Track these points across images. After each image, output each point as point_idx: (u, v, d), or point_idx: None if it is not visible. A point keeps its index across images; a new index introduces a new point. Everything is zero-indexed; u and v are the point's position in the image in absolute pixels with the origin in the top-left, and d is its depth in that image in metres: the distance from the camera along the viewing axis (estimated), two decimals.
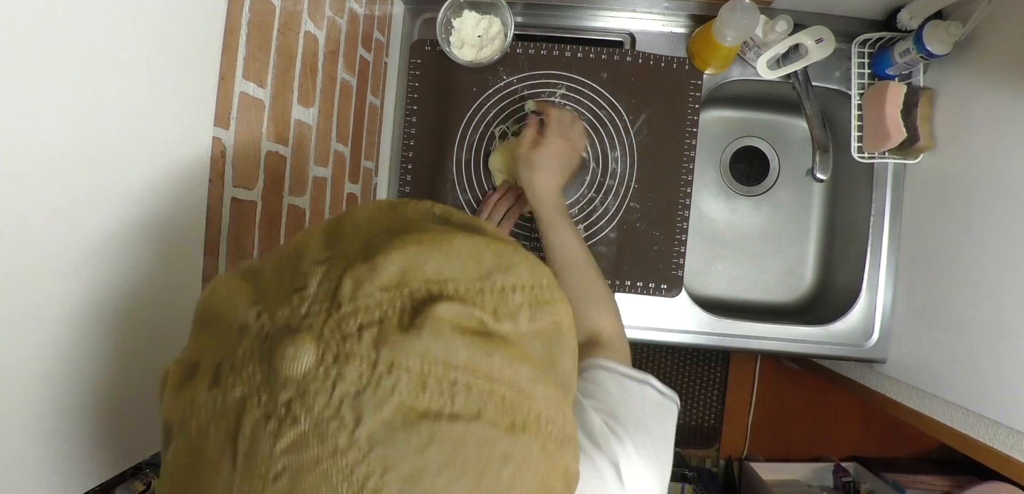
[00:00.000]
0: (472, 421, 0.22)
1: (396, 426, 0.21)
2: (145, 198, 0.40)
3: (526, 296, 0.27)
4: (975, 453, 0.67)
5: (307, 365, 0.22)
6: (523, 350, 0.26)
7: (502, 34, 0.78)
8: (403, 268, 0.25)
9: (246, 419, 0.22)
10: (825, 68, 0.81)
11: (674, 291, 0.83)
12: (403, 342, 0.22)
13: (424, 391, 0.22)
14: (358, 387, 0.21)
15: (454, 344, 0.23)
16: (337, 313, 0.23)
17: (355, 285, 0.24)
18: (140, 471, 0.93)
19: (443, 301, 0.24)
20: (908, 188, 0.82)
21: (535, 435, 0.24)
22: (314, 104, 0.62)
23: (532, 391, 0.25)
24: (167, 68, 0.40)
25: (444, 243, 0.26)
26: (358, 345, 0.22)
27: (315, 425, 0.21)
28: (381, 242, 0.26)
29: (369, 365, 0.22)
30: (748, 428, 1.61)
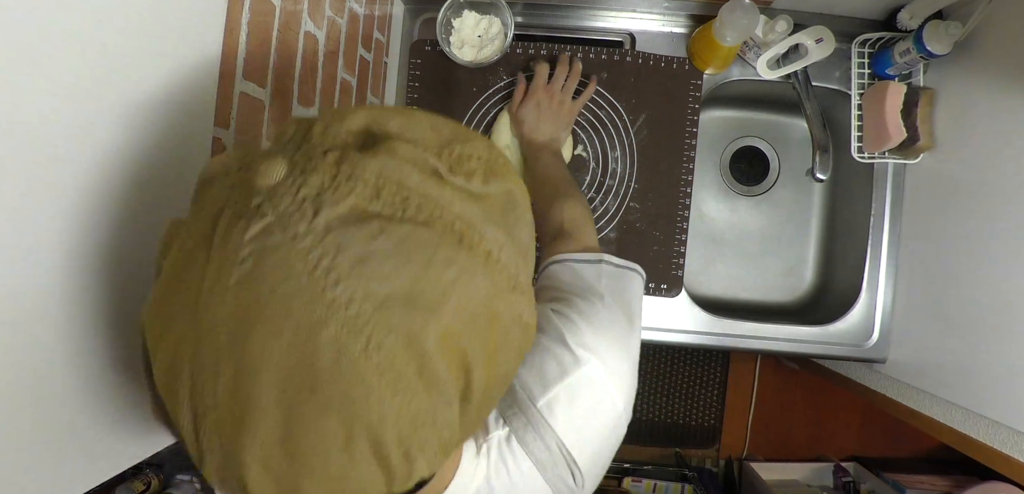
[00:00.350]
0: (420, 226, 0.25)
1: (350, 221, 0.24)
2: (145, 198, 0.40)
3: (481, 164, 0.29)
4: (975, 453, 0.67)
5: (277, 177, 0.24)
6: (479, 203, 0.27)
7: (502, 34, 0.78)
8: (368, 122, 0.28)
9: (221, 221, 0.24)
10: (825, 68, 0.81)
11: (674, 291, 0.83)
12: (362, 159, 0.25)
13: (377, 199, 0.24)
14: (319, 190, 0.24)
15: (407, 169, 0.25)
16: (308, 144, 0.26)
17: (325, 126, 0.27)
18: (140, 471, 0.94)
19: (404, 141, 0.27)
20: (908, 188, 0.82)
21: (483, 263, 0.26)
22: (314, 104, 0.62)
23: (483, 229, 0.26)
24: (167, 68, 0.40)
25: (407, 111, 0.29)
26: (322, 162, 0.25)
27: (279, 218, 0.23)
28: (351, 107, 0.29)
29: (330, 176, 0.24)
30: (748, 428, 1.61)
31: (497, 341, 0.27)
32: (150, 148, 0.40)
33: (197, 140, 0.44)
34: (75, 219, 0.35)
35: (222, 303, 0.23)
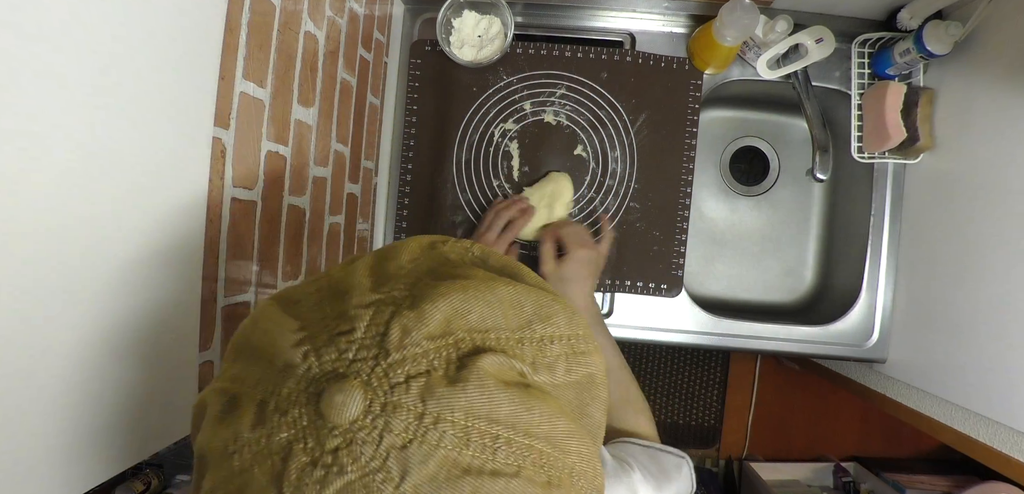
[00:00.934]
0: (512, 478, 0.23)
1: (440, 480, 0.22)
2: (145, 198, 0.40)
3: (564, 347, 0.28)
4: (975, 453, 0.66)
5: (355, 413, 0.22)
6: (558, 401, 0.26)
7: (502, 34, 0.78)
8: (448, 317, 0.25)
9: (292, 464, 0.22)
10: (825, 68, 0.81)
11: (674, 291, 0.83)
12: (449, 395, 0.23)
13: (467, 446, 0.23)
14: (404, 440, 0.22)
15: (497, 399, 0.24)
16: (385, 361, 0.23)
17: (402, 333, 0.24)
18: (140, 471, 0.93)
19: (487, 354, 0.25)
20: (908, 188, 0.82)
21: (568, 490, 0.25)
22: (314, 104, 0.62)
23: (567, 446, 0.25)
24: (167, 68, 0.40)
25: (487, 291, 0.27)
26: (405, 395, 0.23)
27: (361, 476, 0.21)
28: (426, 288, 0.27)
29: (416, 417, 0.22)
30: (748, 428, 1.61)
31: None
32: (150, 148, 0.40)
33: (197, 140, 0.44)
34: (73, 218, 0.35)
35: None
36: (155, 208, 0.41)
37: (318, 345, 0.25)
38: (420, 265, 0.30)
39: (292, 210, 0.60)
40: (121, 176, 0.38)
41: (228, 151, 0.48)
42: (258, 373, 0.26)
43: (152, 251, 0.41)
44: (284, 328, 0.26)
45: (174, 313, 0.44)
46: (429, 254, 0.31)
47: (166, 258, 0.42)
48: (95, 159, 0.35)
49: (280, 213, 0.57)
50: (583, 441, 0.26)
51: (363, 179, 0.80)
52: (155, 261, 0.41)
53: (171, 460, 1.00)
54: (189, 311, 0.46)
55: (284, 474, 0.22)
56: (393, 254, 0.31)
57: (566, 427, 0.26)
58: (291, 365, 0.24)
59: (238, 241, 0.50)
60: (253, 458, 0.23)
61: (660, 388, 1.62)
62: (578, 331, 0.29)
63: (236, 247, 0.50)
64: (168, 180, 0.42)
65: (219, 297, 0.49)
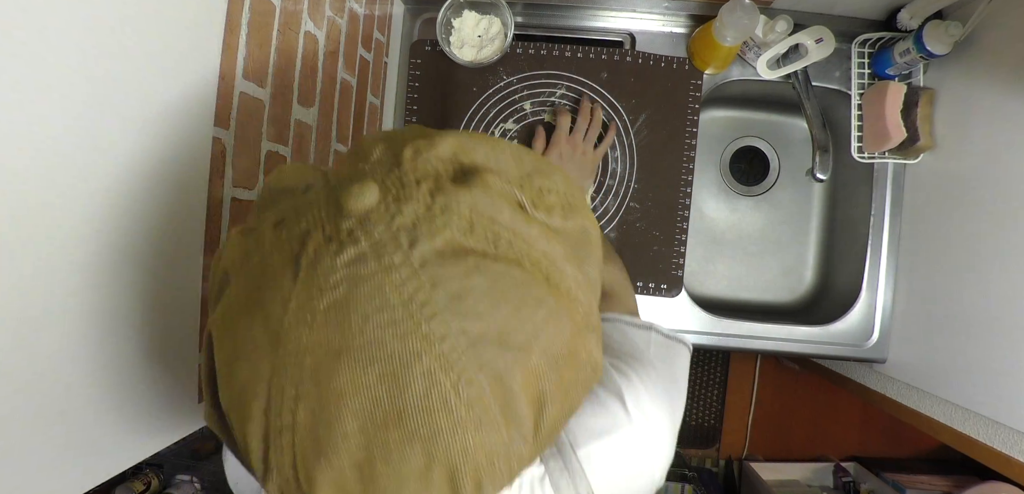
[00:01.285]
0: (512, 264, 0.25)
1: (446, 255, 0.24)
2: (145, 197, 0.40)
3: (560, 199, 0.29)
4: (975, 453, 0.67)
5: (370, 202, 0.24)
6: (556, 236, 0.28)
7: (502, 34, 0.78)
8: (455, 149, 0.28)
9: (310, 243, 0.24)
10: (825, 68, 0.81)
11: (674, 291, 0.83)
12: (456, 192, 0.25)
13: (471, 233, 0.25)
14: (414, 220, 0.24)
15: (499, 204, 0.26)
16: (398, 169, 0.26)
17: (415, 152, 0.27)
18: (140, 471, 0.94)
19: (491, 173, 0.27)
20: (908, 188, 0.82)
21: (565, 302, 0.27)
22: (314, 104, 0.62)
23: (564, 267, 0.27)
24: (167, 68, 0.40)
25: (491, 140, 0.29)
26: (416, 191, 0.25)
27: (373, 246, 0.23)
28: (436, 130, 0.29)
29: (425, 206, 0.24)
30: (748, 428, 1.61)
31: (571, 378, 0.27)
32: (151, 148, 0.40)
33: (197, 140, 0.44)
34: (75, 218, 0.35)
35: (309, 328, 0.23)
36: (155, 208, 0.41)
37: (338, 169, 0.27)
38: None
39: None
40: (121, 175, 0.38)
41: (228, 151, 0.48)
42: (282, 203, 0.27)
43: (152, 251, 0.41)
44: (308, 168, 0.29)
45: (174, 313, 0.44)
46: None
47: (166, 258, 0.42)
48: (94, 159, 0.35)
49: None
50: (580, 272, 0.28)
51: None
52: (155, 261, 0.41)
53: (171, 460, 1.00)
54: (189, 311, 0.46)
55: (301, 253, 0.24)
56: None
57: (563, 252, 0.27)
58: (312, 184, 0.27)
59: None
60: (272, 248, 0.25)
61: None
62: (573, 192, 0.30)
63: None
64: (168, 180, 0.42)
65: None
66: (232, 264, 0.27)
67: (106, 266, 0.37)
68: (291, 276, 0.24)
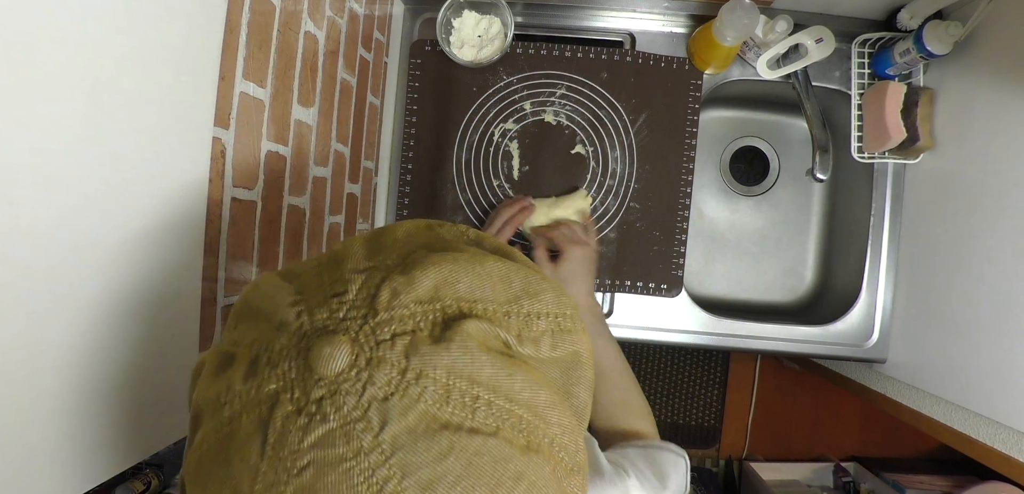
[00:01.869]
0: (490, 437, 0.23)
1: (418, 433, 0.22)
2: (145, 197, 0.40)
3: (549, 323, 0.28)
4: (975, 453, 0.66)
5: (341, 365, 0.23)
6: (543, 375, 0.27)
7: (502, 34, 0.78)
8: (437, 284, 0.26)
9: (278, 411, 0.23)
10: (825, 68, 0.81)
11: (674, 291, 0.83)
12: (432, 353, 0.24)
13: (447, 403, 0.23)
14: (386, 392, 0.23)
15: (479, 360, 0.24)
16: (373, 319, 0.24)
17: (392, 295, 0.25)
18: (140, 471, 0.93)
19: (472, 319, 0.25)
20: (908, 188, 0.82)
21: (548, 458, 0.25)
22: (314, 104, 0.62)
23: (548, 416, 0.26)
24: (167, 68, 0.40)
25: (477, 264, 0.28)
26: (390, 351, 0.23)
27: (342, 424, 0.22)
28: (418, 257, 0.27)
29: (399, 371, 0.23)
30: (748, 428, 1.61)
31: None
32: (150, 149, 0.40)
33: (197, 140, 0.44)
34: (75, 217, 0.35)
35: None
36: (155, 208, 0.41)
37: (312, 305, 0.26)
38: (415, 240, 0.31)
39: (292, 210, 0.60)
40: (121, 176, 0.38)
41: (228, 151, 0.48)
42: (255, 333, 0.26)
43: (152, 251, 0.41)
44: (282, 291, 0.27)
45: (174, 313, 0.44)
46: (425, 233, 0.32)
47: (166, 258, 0.42)
48: (94, 158, 0.35)
49: (280, 213, 0.57)
50: (565, 414, 0.27)
51: (363, 179, 0.80)
52: (155, 261, 0.41)
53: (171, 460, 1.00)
54: (189, 311, 0.46)
55: (270, 421, 0.23)
56: (390, 230, 0.32)
57: (548, 398, 0.26)
58: (285, 322, 0.25)
59: (238, 241, 0.50)
60: (242, 407, 0.24)
61: (660, 388, 1.62)
62: (565, 311, 0.29)
63: (236, 247, 0.50)
64: (168, 180, 0.42)
65: (219, 297, 0.49)
66: (204, 406, 0.26)
67: (104, 266, 0.37)
68: (259, 448, 0.23)
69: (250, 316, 0.28)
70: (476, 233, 0.33)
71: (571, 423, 0.27)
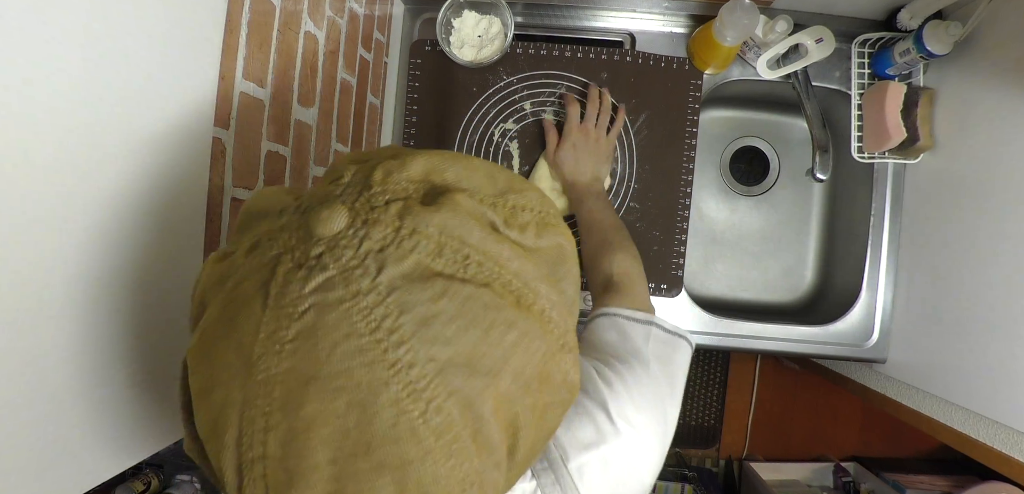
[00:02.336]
0: (481, 287, 0.25)
1: (413, 278, 0.24)
2: (145, 197, 0.40)
3: (534, 216, 0.29)
4: (975, 453, 0.66)
5: (339, 226, 0.24)
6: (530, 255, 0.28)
7: (502, 34, 0.78)
8: (427, 169, 0.28)
9: (279, 269, 0.24)
10: (825, 68, 0.81)
11: (674, 291, 0.83)
12: (424, 214, 0.25)
13: (440, 256, 0.24)
14: (382, 244, 0.24)
15: (469, 225, 0.25)
16: (368, 192, 0.26)
17: (385, 174, 0.27)
18: (140, 471, 0.94)
19: (462, 192, 0.27)
20: (908, 188, 0.82)
21: (538, 322, 0.26)
22: (314, 104, 0.62)
23: (536, 287, 0.26)
24: (167, 68, 0.40)
25: (463, 159, 0.29)
26: (385, 214, 0.25)
27: (341, 271, 0.23)
28: (408, 150, 0.29)
29: (393, 229, 0.24)
30: (748, 428, 1.61)
31: (546, 401, 0.27)
32: (151, 149, 0.40)
33: (197, 140, 0.44)
34: (75, 217, 0.35)
35: (279, 357, 0.23)
36: (155, 207, 0.41)
37: (311, 192, 0.27)
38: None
39: None
40: (121, 175, 0.38)
41: (228, 151, 0.48)
42: (256, 227, 0.27)
43: (152, 251, 0.41)
44: (284, 191, 0.29)
45: (174, 313, 0.44)
46: None
47: (166, 257, 0.42)
48: (94, 158, 0.35)
49: None
50: (553, 291, 0.27)
51: None
52: (155, 261, 0.41)
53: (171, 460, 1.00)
54: (189, 311, 0.46)
55: (272, 279, 0.24)
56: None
57: (536, 271, 0.27)
58: (285, 207, 0.27)
59: None
60: (246, 274, 0.25)
61: None
62: (549, 209, 0.30)
63: None
64: (168, 180, 0.42)
65: None
66: (208, 289, 0.27)
67: (106, 265, 0.37)
68: (261, 302, 0.24)
69: (251, 219, 0.29)
70: None
71: (560, 301, 0.28)
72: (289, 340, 0.23)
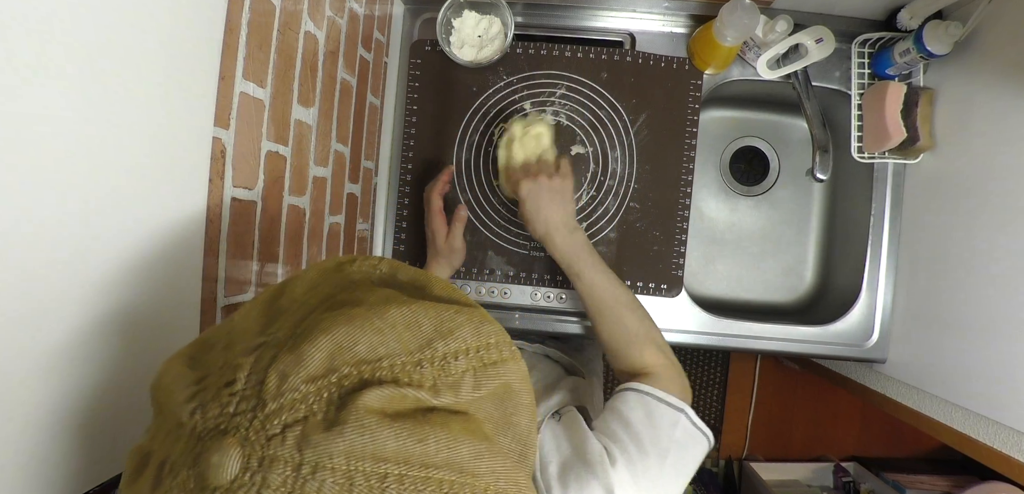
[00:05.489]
0: None
1: None
2: (145, 198, 0.40)
3: (470, 361, 0.26)
4: (975, 453, 0.67)
5: (232, 473, 0.21)
6: (473, 419, 0.25)
7: (502, 34, 0.78)
8: (331, 353, 0.24)
9: None
10: (825, 68, 0.81)
11: (674, 291, 0.83)
12: (326, 441, 0.22)
13: (351, 491, 0.21)
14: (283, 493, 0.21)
15: (381, 436, 0.22)
16: (262, 413, 0.23)
17: (280, 380, 0.23)
18: None
19: (372, 388, 0.23)
20: (908, 188, 0.82)
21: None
22: (314, 104, 0.62)
23: (476, 469, 0.24)
24: (167, 68, 0.40)
25: (376, 318, 0.26)
26: (281, 448, 0.22)
27: None
28: (310, 325, 0.25)
29: (293, 468, 0.21)
30: (748, 428, 1.61)
31: None
32: (151, 149, 0.40)
33: (197, 140, 0.44)
34: (75, 218, 0.35)
35: None
36: (155, 208, 0.41)
37: (206, 400, 0.24)
38: (317, 293, 0.29)
39: (292, 210, 0.60)
40: (121, 176, 0.38)
41: (228, 151, 0.48)
42: (163, 431, 0.25)
43: (152, 251, 0.41)
44: (181, 383, 0.26)
45: (174, 313, 0.44)
46: (331, 278, 0.30)
47: (166, 258, 0.42)
48: (94, 159, 0.35)
49: (280, 213, 0.57)
50: (496, 459, 0.25)
51: (363, 179, 0.80)
52: (155, 261, 0.41)
53: None
54: (189, 311, 0.46)
55: None
56: (290, 286, 0.30)
57: (471, 449, 0.24)
58: (181, 423, 0.24)
59: (238, 241, 0.50)
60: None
61: None
62: (487, 340, 0.28)
63: (236, 247, 0.50)
64: (168, 180, 0.42)
65: (219, 297, 0.49)
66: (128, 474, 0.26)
67: (105, 267, 0.37)
68: None
69: (157, 408, 0.27)
70: (389, 265, 0.32)
71: (505, 465, 0.25)
72: None
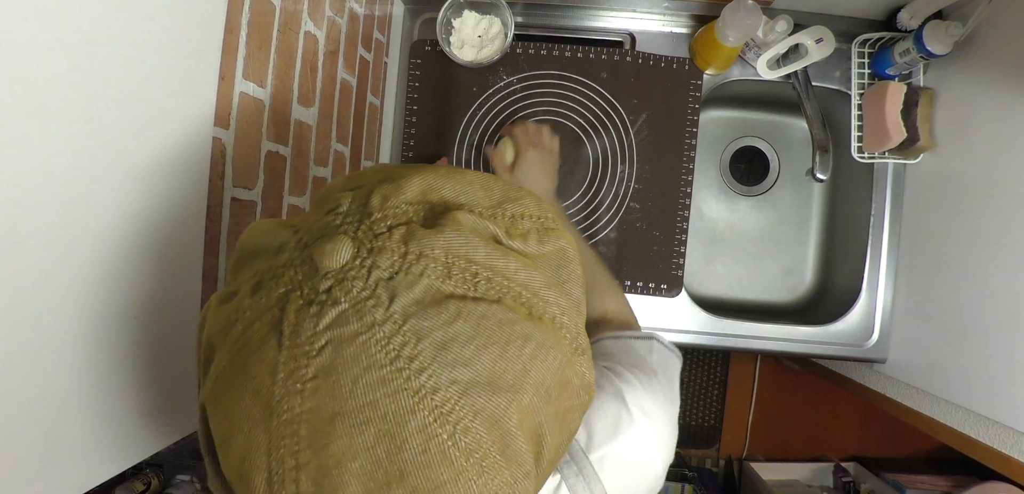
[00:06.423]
0: (493, 303, 0.25)
1: (426, 303, 0.24)
2: (145, 198, 0.40)
3: (533, 223, 0.29)
4: (975, 453, 0.67)
5: (344, 258, 0.24)
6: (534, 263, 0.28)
7: (502, 34, 0.78)
8: (423, 189, 0.28)
9: (289, 308, 0.24)
10: (825, 68, 0.81)
11: (674, 291, 0.83)
12: (429, 237, 0.25)
13: (449, 277, 0.25)
14: (391, 272, 0.24)
15: (474, 242, 0.26)
16: (368, 220, 0.26)
17: (383, 199, 0.27)
18: (140, 471, 0.93)
19: (462, 210, 0.27)
20: (908, 188, 0.82)
21: (551, 330, 0.26)
22: (314, 104, 0.62)
23: (546, 295, 0.27)
24: (167, 68, 0.40)
25: (458, 174, 0.29)
26: (389, 240, 0.25)
27: (354, 304, 0.23)
28: (400, 171, 0.29)
29: (400, 255, 0.24)
30: (748, 428, 1.61)
31: (566, 406, 0.28)
32: (151, 149, 0.40)
33: (197, 140, 0.44)
34: (75, 218, 0.35)
35: (301, 397, 0.23)
36: (155, 207, 0.41)
37: (310, 224, 0.27)
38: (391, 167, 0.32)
39: (292, 210, 0.60)
40: (121, 175, 0.38)
41: (228, 151, 0.48)
42: (255, 265, 0.27)
43: (152, 250, 0.41)
44: (279, 226, 0.29)
45: (174, 313, 0.44)
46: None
47: (166, 258, 0.42)
48: (94, 158, 0.35)
49: (280, 213, 0.57)
50: (562, 296, 0.27)
51: None
52: (155, 261, 0.41)
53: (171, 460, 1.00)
54: (189, 311, 0.46)
55: (283, 318, 0.24)
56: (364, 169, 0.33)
57: (543, 279, 0.27)
58: (285, 243, 0.27)
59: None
60: (253, 317, 0.25)
61: None
62: (547, 213, 0.30)
63: None
64: (168, 180, 0.42)
65: None
66: (215, 333, 0.27)
67: (105, 266, 0.37)
68: (275, 344, 0.24)
69: (248, 257, 0.29)
70: None
71: (569, 305, 0.28)
72: (309, 379, 0.23)
